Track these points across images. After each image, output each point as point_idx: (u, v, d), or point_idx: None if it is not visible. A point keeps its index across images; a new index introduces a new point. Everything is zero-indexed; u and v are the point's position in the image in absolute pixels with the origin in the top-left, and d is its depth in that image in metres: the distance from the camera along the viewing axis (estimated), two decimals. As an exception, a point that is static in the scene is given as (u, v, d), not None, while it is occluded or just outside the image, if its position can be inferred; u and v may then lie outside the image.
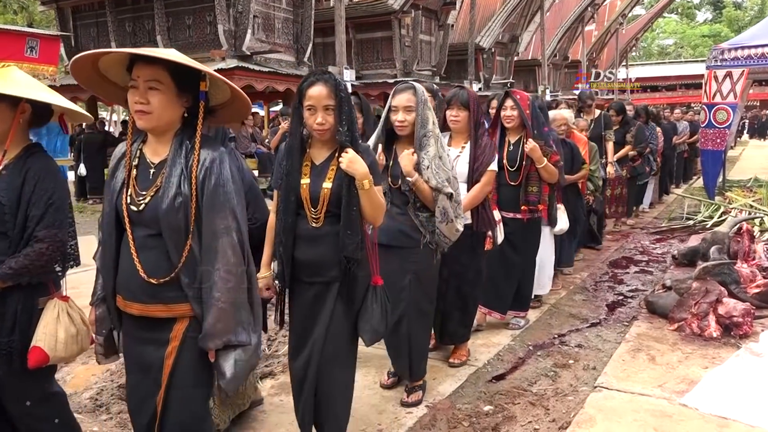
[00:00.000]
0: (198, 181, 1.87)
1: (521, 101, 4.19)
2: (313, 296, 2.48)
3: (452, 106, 3.65)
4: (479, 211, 3.63)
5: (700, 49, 47.15)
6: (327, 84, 2.35)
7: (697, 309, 4.37)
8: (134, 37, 12.28)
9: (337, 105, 2.34)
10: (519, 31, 21.86)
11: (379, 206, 2.43)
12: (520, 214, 4.25)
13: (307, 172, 2.46)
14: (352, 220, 2.35)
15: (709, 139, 9.11)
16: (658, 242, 7.89)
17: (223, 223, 1.86)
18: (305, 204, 2.43)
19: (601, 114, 7.42)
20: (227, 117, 2.12)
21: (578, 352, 4.18)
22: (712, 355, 3.96)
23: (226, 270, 1.85)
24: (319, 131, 2.38)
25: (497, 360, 4.05)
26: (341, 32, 11.41)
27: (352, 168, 2.30)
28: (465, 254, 3.67)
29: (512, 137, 4.33)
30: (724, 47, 8.85)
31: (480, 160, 3.56)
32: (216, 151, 1.92)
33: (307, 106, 2.37)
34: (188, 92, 1.91)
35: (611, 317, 4.94)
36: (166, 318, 1.92)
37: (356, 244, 2.35)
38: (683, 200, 10.22)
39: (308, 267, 2.44)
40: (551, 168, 4.25)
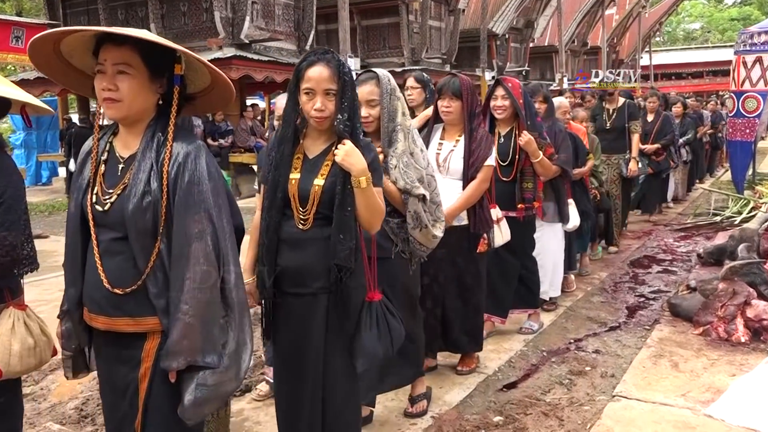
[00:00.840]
0: (170, 178, 1.75)
1: (513, 89, 4.03)
2: (300, 311, 2.27)
3: (443, 96, 3.50)
4: (476, 211, 3.50)
5: (729, 34, 46.72)
6: (329, 65, 2.16)
7: (724, 312, 4.30)
8: (126, 26, 12.21)
9: (340, 90, 2.16)
10: (534, 15, 21.74)
11: (377, 210, 2.23)
12: (515, 213, 4.09)
13: (297, 166, 2.27)
14: (345, 222, 2.15)
15: (737, 130, 9.00)
16: (683, 240, 7.81)
17: (197, 227, 1.73)
18: (293, 202, 2.23)
19: (626, 103, 7.10)
20: (208, 105, 2.01)
21: (595, 359, 4.12)
22: (740, 361, 3.90)
23: (197, 280, 1.71)
24: (317, 119, 2.18)
25: (508, 367, 4.00)
26: (345, 18, 11.37)
27: (348, 162, 2.12)
28: (462, 257, 3.56)
29: (503, 129, 4.18)
30: (753, 31, 8.73)
31: (476, 155, 3.43)
32: (191, 144, 1.80)
33: (304, 89, 2.18)
34: (163, 76, 1.81)
35: (631, 321, 4.88)
36: (135, 333, 1.80)
37: (349, 251, 2.15)
38: (710, 195, 10.10)
39: (291, 275, 2.24)
40: (547, 162, 4.12)
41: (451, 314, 3.64)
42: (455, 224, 3.44)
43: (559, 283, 5.03)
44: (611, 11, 28.49)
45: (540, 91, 4.80)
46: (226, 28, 11.30)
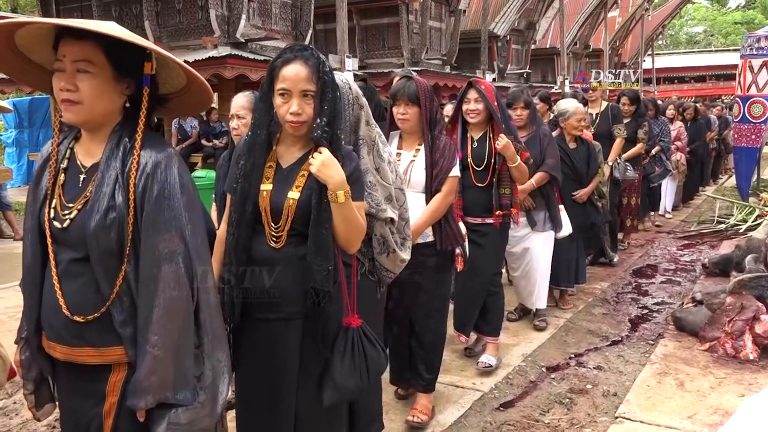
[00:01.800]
0: (137, 192, 1.56)
1: (487, 92, 3.78)
2: (270, 338, 2.04)
3: (398, 102, 3.16)
4: (442, 226, 3.18)
5: (732, 38, 46.62)
6: (307, 63, 1.94)
7: (732, 327, 4.14)
8: (121, 23, 11.78)
9: (319, 91, 1.94)
10: (536, 17, 21.57)
11: (357, 227, 2.01)
12: (491, 219, 3.82)
13: (270, 176, 2.05)
14: (322, 241, 1.94)
15: (743, 135, 8.86)
16: (687, 248, 7.65)
17: (167, 246, 1.55)
18: (264, 217, 2.02)
19: (608, 106, 6.69)
20: (183, 107, 1.82)
21: (597, 376, 3.96)
22: (749, 380, 3.74)
23: (166, 307, 1.53)
24: (293, 123, 1.96)
25: (506, 384, 3.83)
26: (343, 17, 11.21)
27: (324, 174, 1.90)
28: (429, 279, 3.21)
29: (476, 133, 3.90)
30: (760, 34, 8.58)
31: (439, 165, 3.12)
32: (162, 152, 1.61)
33: (279, 89, 1.95)
34: (130, 76, 1.61)
35: (634, 334, 4.71)
36: (99, 365, 1.61)
37: (327, 273, 1.94)
38: (714, 202, 9.94)
39: (261, 299, 2.02)
40: (523, 167, 3.86)
41: (418, 344, 3.28)
42: (419, 241, 3.12)
43: (544, 294, 4.75)
44: (614, 14, 28.32)
45: (520, 97, 4.52)
46: (221, 27, 11.12)
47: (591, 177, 5.25)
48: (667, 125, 8.60)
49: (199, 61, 10.32)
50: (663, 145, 8.21)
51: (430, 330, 3.27)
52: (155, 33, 11.48)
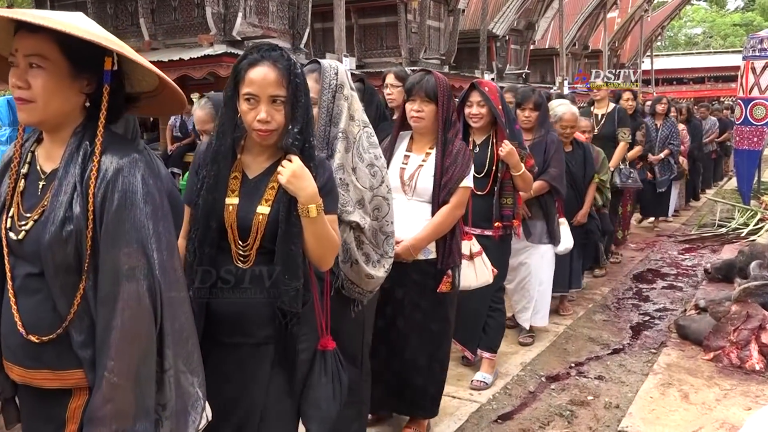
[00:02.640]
0: (96, 201, 1.41)
1: (490, 94, 3.50)
2: (237, 365, 1.86)
3: (414, 98, 2.86)
4: (447, 243, 2.88)
5: (731, 39, 46.56)
6: (276, 65, 1.75)
7: (737, 336, 4.01)
8: (116, 20, 11.96)
9: (290, 96, 1.75)
10: (535, 17, 21.45)
11: (330, 243, 1.84)
12: (491, 231, 3.55)
13: (235, 188, 1.84)
14: (291, 258, 1.77)
15: (744, 138, 8.74)
16: (688, 252, 7.53)
17: (128, 262, 1.39)
18: (230, 234, 1.82)
19: (615, 108, 6.41)
20: (155, 108, 1.66)
21: (598, 386, 3.83)
22: (755, 392, 3.61)
23: (126, 329, 1.37)
24: (261, 132, 1.76)
25: (504, 394, 3.70)
26: (341, 16, 11.06)
27: (295, 185, 1.73)
28: (427, 300, 2.91)
29: (477, 137, 3.64)
30: (763, 36, 8.48)
31: (450, 173, 2.82)
32: (125, 156, 1.45)
33: (245, 94, 1.76)
34: (89, 72, 1.46)
35: (636, 342, 4.59)
36: (59, 389, 1.47)
37: (296, 292, 1.77)
38: (714, 205, 9.83)
39: (230, 323, 1.83)
40: (528, 176, 3.61)
41: (412, 371, 2.96)
42: (420, 257, 2.84)
43: (546, 311, 4.48)
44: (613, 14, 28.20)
45: (531, 97, 4.24)
46: (217, 25, 10.98)
47: (587, 182, 4.97)
48: (677, 127, 8.22)
49: (194, 59, 10.19)
50: (673, 148, 7.89)
51: (426, 355, 2.96)
52: (150, 30, 11.33)
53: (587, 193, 4.96)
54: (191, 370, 1.50)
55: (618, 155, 6.19)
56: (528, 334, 4.49)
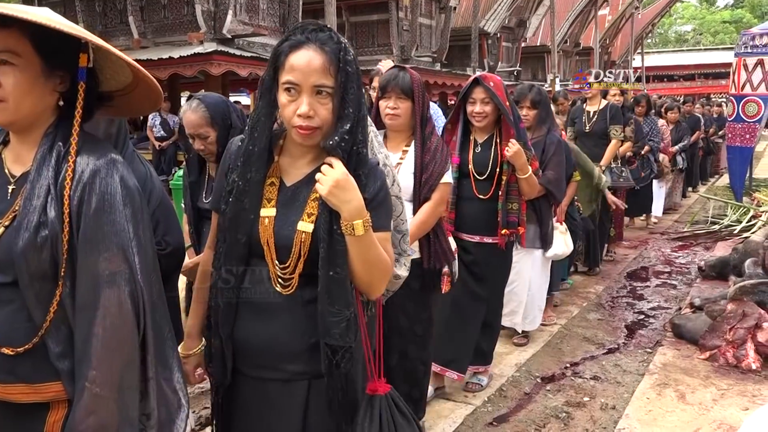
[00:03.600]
0: (72, 204, 1.32)
1: (496, 89, 3.24)
2: (264, 403, 1.61)
3: (389, 95, 2.74)
4: (431, 241, 2.78)
5: (721, 36, 46.79)
6: (324, 49, 1.47)
7: (733, 335, 3.98)
8: (104, 18, 11.85)
9: (339, 87, 1.47)
10: (527, 14, 21.41)
11: (379, 265, 1.54)
12: (494, 238, 3.37)
13: (272, 197, 1.58)
14: (337, 284, 1.49)
15: (737, 135, 8.73)
16: (681, 250, 7.50)
17: (108, 267, 1.32)
18: (267, 252, 1.55)
19: (608, 105, 6.32)
20: (130, 107, 1.55)
21: (594, 387, 3.78)
22: (752, 392, 3.58)
23: (108, 337, 1.30)
24: (302, 130, 1.48)
25: (499, 396, 3.65)
26: (332, 14, 10.99)
27: (338, 197, 1.45)
28: (412, 302, 2.77)
29: (479, 136, 3.43)
30: (755, 32, 8.45)
31: (430, 170, 2.72)
32: (102, 157, 1.36)
33: (285, 83, 1.48)
34: (63, 69, 1.37)
35: (631, 342, 4.54)
36: (35, 404, 1.38)
37: (346, 323, 1.50)
38: (707, 202, 9.82)
39: (256, 353, 1.59)
40: (534, 179, 3.40)
41: (395, 375, 2.77)
42: None
43: (537, 316, 4.34)
44: (604, 12, 28.22)
45: (527, 95, 4.04)
46: (207, 22, 10.88)
47: (567, 180, 4.62)
48: (657, 124, 8.18)
49: (184, 57, 10.09)
50: (653, 145, 7.78)
51: (410, 359, 2.86)
52: (140, 28, 11.23)
53: (566, 192, 4.67)
54: (170, 374, 1.43)
55: (609, 153, 6.13)
56: (522, 335, 4.41)
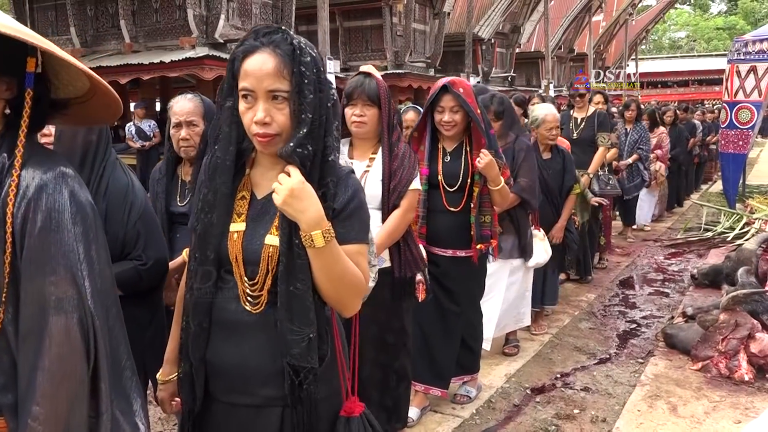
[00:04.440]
0: (15, 222, 1.20)
1: (466, 96, 3.08)
2: (237, 429, 1.53)
3: (355, 102, 2.66)
4: (401, 249, 2.71)
5: (714, 43, 46.98)
6: (277, 51, 1.39)
7: (725, 346, 3.91)
8: (96, 22, 11.77)
9: (295, 90, 1.38)
10: (521, 20, 21.43)
11: (345, 280, 1.44)
12: (467, 252, 3.23)
13: (242, 211, 1.51)
14: (296, 300, 1.41)
15: (730, 141, 8.67)
16: (674, 257, 7.45)
17: (55, 292, 1.19)
18: (236, 269, 1.49)
19: (596, 112, 6.17)
20: (89, 116, 1.43)
21: (585, 398, 3.71)
22: (745, 404, 3.51)
23: (54, 369, 1.18)
24: (261, 138, 1.41)
25: (488, 408, 3.57)
26: (324, 19, 10.95)
27: (293, 206, 1.37)
28: (383, 311, 2.71)
29: (448, 145, 3.28)
30: (748, 39, 8.41)
31: (398, 177, 2.65)
32: (50, 171, 1.24)
33: (241, 90, 1.42)
34: (9, 75, 1.26)
35: (623, 351, 4.47)
36: None
37: (307, 343, 1.42)
38: (700, 208, 9.77)
39: (226, 378, 1.51)
40: (506, 190, 3.26)
41: (367, 386, 2.71)
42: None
43: (527, 312, 4.21)
44: (598, 18, 28.27)
45: (489, 107, 3.74)
46: (199, 27, 10.81)
47: (566, 192, 4.60)
48: (647, 132, 7.99)
49: (175, 61, 10.03)
50: (641, 153, 7.62)
51: (381, 368, 2.79)
52: (131, 33, 11.16)
53: (565, 205, 4.61)
54: (129, 407, 1.32)
55: (597, 161, 6.01)
56: (513, 345, 4.33)
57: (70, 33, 11.63)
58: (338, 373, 1.57)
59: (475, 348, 3.56)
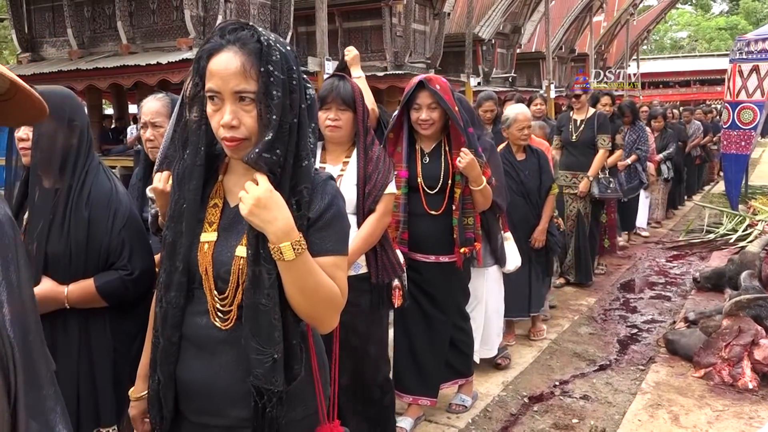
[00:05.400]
0: None
1: (443, 93, 2.97)
2: None
3: (329, 106, 2.58)
4: (378, 255, 2.62)
5: (716, 43, 46.81)
6: (243, 49, 1.30)
7: (729, 353, 3.80)
8: (93, 23, 11.69)
9: (262, 91, 1.29)
10: (522, 21, 21.32)
11: (320, 294, 1.34)
12: (450, 257, 3.12)
13: (214, 220, 1.42)
14: (262, 317, 1.31)
15: (732, 142, 8.56)
16: (676, 260, 7.33)
17: None
18: (205, 282, 1.39)
19: (596, 113, 6.02)
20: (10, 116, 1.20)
21: (584, 407, 3.60)
22: (749, 413, 3.40)
23: None
24: (228, 142, 1.32)
25: (483, 418, 3.47)
26: (323, 19, 10.87)
27: (259, 216, 1.27)
28: (363, 320, 2.60)
29: (426, 145, 3.16)
30: (750, 38, 8.30)
31: (373, 181, 2.57)
32: None
33: (208, 92, 1.33)
34: None
35: (623, 358, 4.36)
36: None
37: (271, 363, 1.31)
38: (702, 210, 9.65)
39: (197, 397, 1.41)
40: (488, 190, 3.14)
41: (348, 399, 2.64)
42: (351, 273, 2.54)
43: (494, 341, 3.91)
44: (599, 18, 28.16)
45: None
46: (197, 28, 10.72)
47: (544, 192, 4.38)
48: (646, 132, 7.77)
49: (172, 63, 9.94)
50: (640, 154, 7.44)
51: (363, 381, 2.68)
52: (128, 34, 11.08)
53: (545, 207, 4.39)
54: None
55: (597, 164, 5.85)
56: (502, 356, 4.08)
57: (67, 34, 11.56)
58: (315, 394, 1.46)
59: (467, 351, 3.45)
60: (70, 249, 1.93)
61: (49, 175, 1.94)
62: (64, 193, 1.94)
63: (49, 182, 1.94)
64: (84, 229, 1.93)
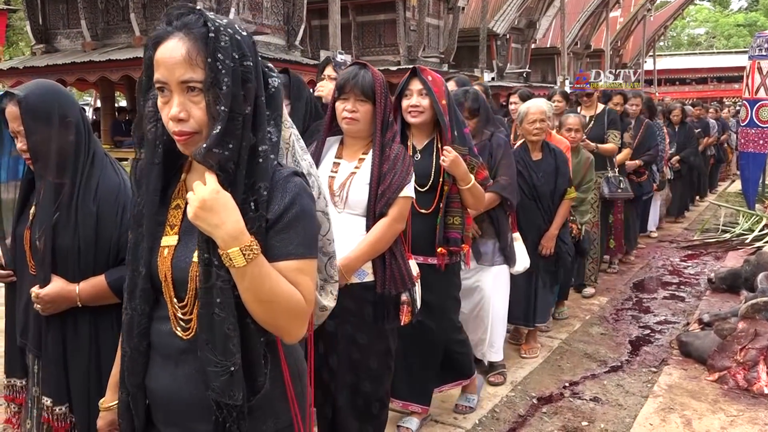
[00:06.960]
0: None
1: (434, 85, 2.83)
2: None
3: (347, 96, 2.40)
4: (386, 262, 2.43)
5: (734, 40, 46.24)
6: (189, 36, 1.21)
7: (744, 356, 3.71)
8: (107, 15, 11.70)
9: (209, 80, 1.19)
10: (537, 15, 21.13)
11: (279, 302, 1.24)
12: (435, 258, 2.93)
13: (176, 222, 1.34)
14: (217, 327, 1.22)
15: (750, 140, 8.40)
16: (690, 259, 7.22)
17: None
18: (164, 288, 1.32)
19: (605, 110, 5.86)
20: None
21: (594, 410, 3.53)
22: (764, 418, 3.31)
23: None
24: (178, 137, 1.24)
25: (491, 419, 3.40)
26: (336, 13, 10.79)
27: (204, 220, 1.18)
28: (365, 332, 2.44)
29: (419, 141, 3.00)
30: (770, 34, 8.14)
31: (388, 181, 2.36)
32: None
33: (156, 83, 1.25)
34: None
35: (635, 359, 4.28)
36: None
37: (228, 376, 1.22)
38: (717, 209, 9.51)
39: (164, 407, 1.36)
40: (479, 190, 2.97)
41: (347, 415, 2.50)
42: (355, 281, 2.39)
43: (500, 343, 3.75)
44: (615, 14, 27.88)
45: (463, 105, 3.42)
46: (209, 20, 10.72)
47: (558, 197, 4.05)
48: (662, 129, 7.51)
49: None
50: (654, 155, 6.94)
51: (363, 396, 2.51)
52: (141, 26, 11.07)
53: (558, 212, 4.05)
54: None
55: (620, 157, 5.78)
56: (497, 372, 3.82)
57: (81, 26, 11.58)
58: (289, 406, 1.38)
59: (464, 351, 3.31)
60: (79, 244, 1.90)
61: (53, 175, 1.90)
62: (68, 187, 1.91)
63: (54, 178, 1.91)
64: (92, 224, 1.91)
